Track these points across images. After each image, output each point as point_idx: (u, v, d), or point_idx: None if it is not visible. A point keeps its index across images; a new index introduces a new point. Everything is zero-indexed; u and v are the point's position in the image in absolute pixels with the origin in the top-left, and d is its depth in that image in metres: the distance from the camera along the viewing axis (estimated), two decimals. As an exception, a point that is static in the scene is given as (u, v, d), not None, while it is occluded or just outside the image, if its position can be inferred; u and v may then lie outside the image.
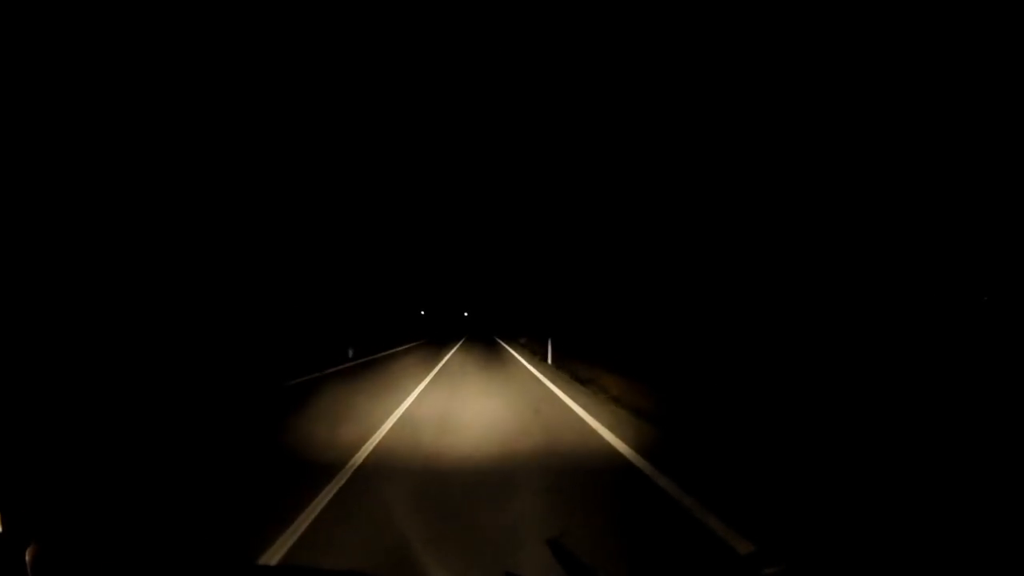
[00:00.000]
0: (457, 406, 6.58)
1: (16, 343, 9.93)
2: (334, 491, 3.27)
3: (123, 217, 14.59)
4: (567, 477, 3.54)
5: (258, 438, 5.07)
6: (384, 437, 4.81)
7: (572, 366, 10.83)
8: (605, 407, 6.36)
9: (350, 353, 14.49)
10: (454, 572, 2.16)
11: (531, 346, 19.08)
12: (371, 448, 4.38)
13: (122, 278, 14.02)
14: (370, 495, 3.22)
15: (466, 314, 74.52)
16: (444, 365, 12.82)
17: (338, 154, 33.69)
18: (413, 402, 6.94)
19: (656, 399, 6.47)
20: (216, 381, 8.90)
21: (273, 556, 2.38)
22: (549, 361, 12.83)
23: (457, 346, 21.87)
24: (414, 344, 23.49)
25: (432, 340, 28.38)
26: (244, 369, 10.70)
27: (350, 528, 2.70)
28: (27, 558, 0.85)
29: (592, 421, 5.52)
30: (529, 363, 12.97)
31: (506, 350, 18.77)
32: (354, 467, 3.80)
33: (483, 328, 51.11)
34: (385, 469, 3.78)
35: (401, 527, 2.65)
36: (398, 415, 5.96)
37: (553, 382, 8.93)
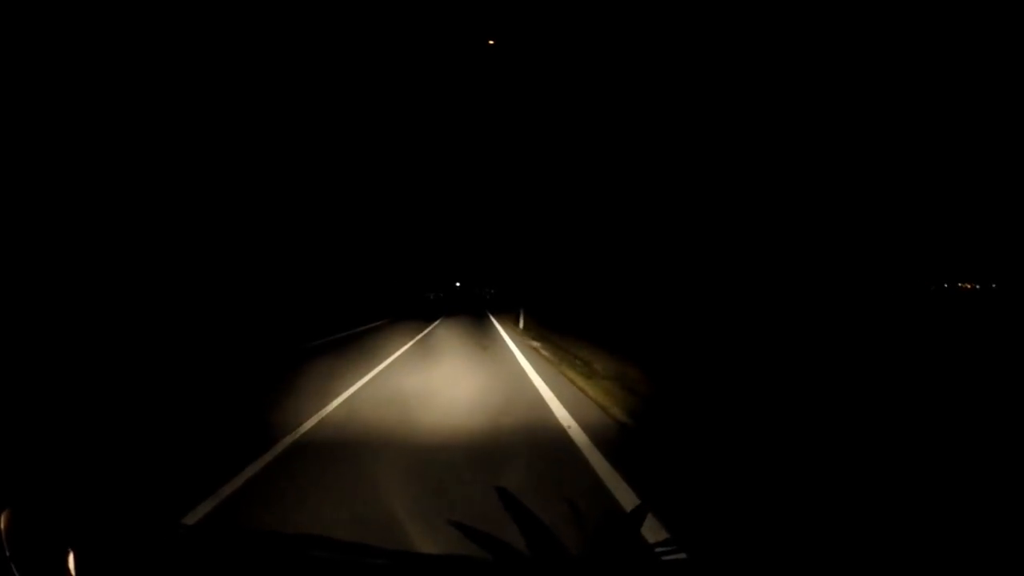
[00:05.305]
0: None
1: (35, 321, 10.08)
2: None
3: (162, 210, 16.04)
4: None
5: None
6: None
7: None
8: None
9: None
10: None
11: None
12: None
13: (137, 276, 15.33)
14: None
15: (458, 284, 67.21)
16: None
17: (326, 129, 32.64)
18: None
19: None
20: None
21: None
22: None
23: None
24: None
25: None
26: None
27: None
28: (1, 524, 0.82)
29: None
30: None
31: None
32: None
33: (471, 309, 38.20)
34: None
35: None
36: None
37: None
